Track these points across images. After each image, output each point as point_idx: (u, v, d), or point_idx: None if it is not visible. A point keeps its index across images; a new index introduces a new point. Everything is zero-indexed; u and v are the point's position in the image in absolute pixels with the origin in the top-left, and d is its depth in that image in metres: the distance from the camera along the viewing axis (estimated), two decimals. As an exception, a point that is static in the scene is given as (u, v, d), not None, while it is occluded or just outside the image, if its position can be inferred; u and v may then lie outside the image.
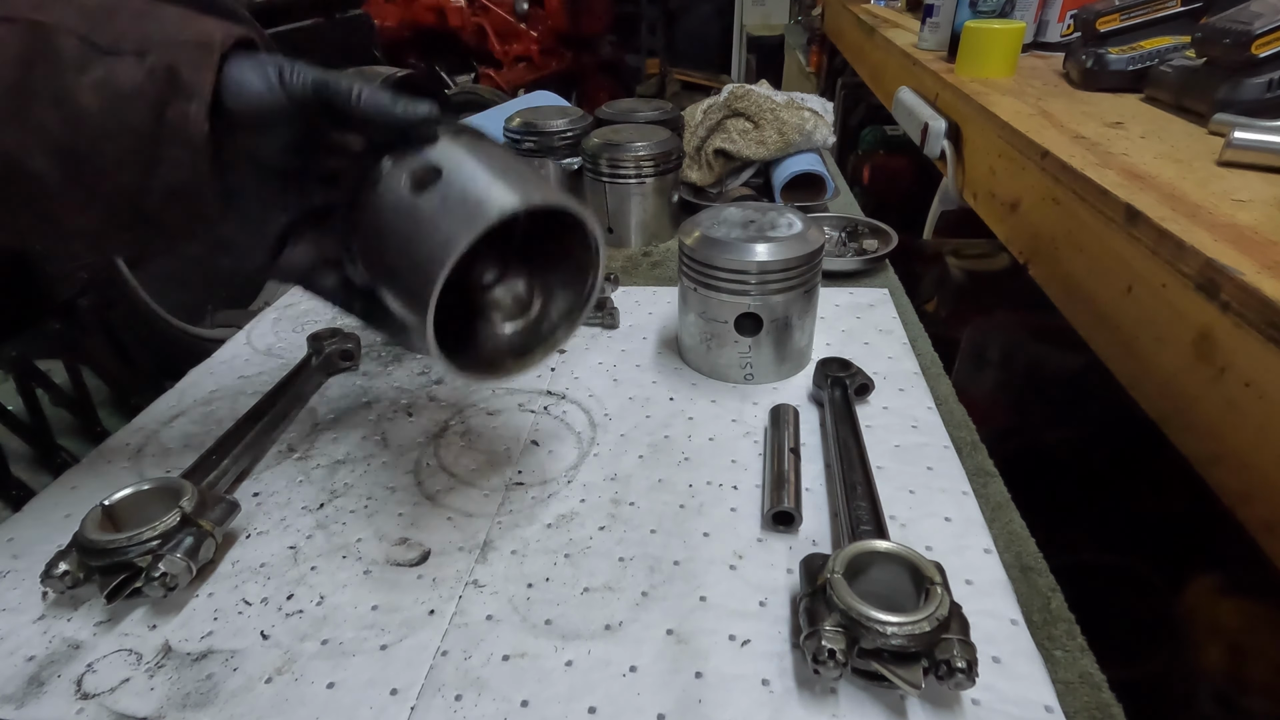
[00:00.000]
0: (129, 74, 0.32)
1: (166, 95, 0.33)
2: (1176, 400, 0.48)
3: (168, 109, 0.33)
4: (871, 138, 1.79)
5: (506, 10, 3.58)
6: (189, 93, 0.33)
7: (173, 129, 0.33)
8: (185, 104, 0.33)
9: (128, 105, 0.32)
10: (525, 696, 0.37)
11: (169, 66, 0.32)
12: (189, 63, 0.33)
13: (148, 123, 0.33)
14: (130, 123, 0.33)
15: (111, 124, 0.32)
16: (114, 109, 0.32)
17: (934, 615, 0.33)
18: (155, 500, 0.43)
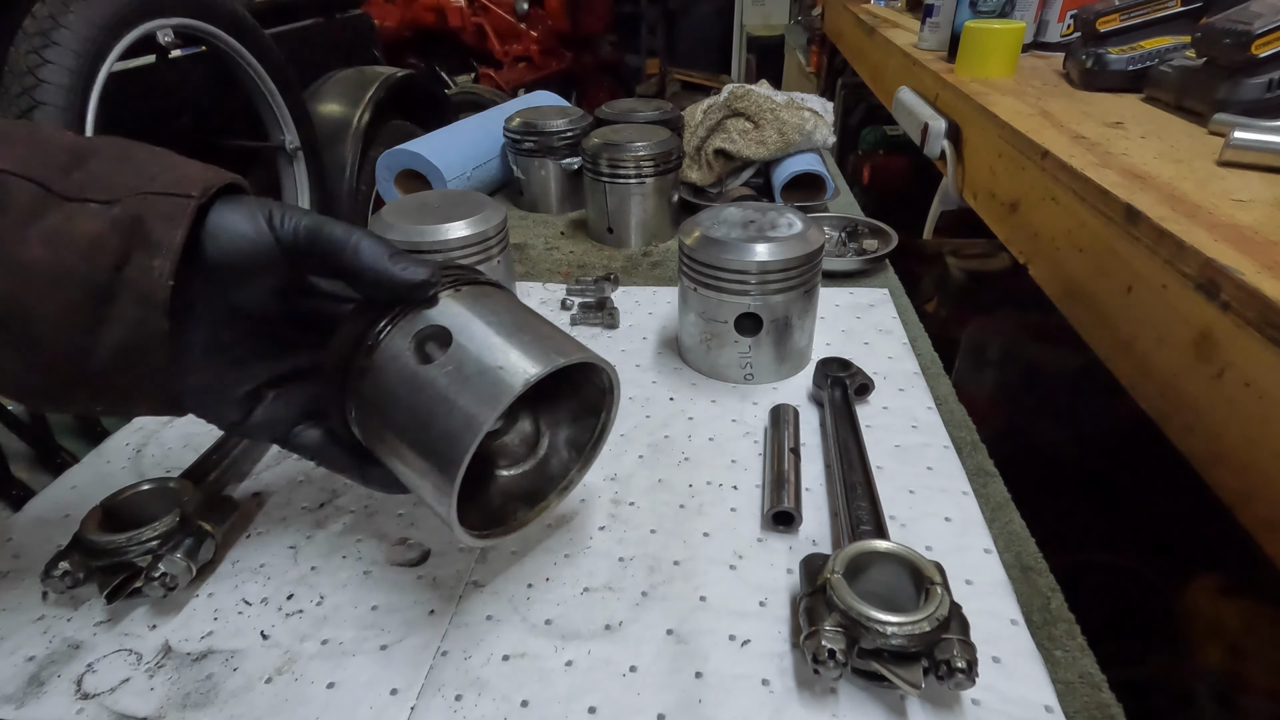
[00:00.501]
0: (89, 224, 0.29)
1: (128, 248, 0.30)
2: (1176, 400, 0.48)
3: (128, 264, 0.30)
4: (871, 138, 1.80)
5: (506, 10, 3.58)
6: (155, 246, 0.30)
7: (130, 285, 0.30)
8: (148, 258, 0.30)
9: (80, 257, 0.29)
10: (525, 696, 0.37)
11: (135, 217, 0.30)
12: (160, 214, 0.31)
13: (101, 277, 0.30)
14: (79, 276, 0.30)
15: (58, 277, 0.29)
16: (61, 261, 0.29)
17: (934, 615, 0.33)
18: (155, 500, 0.43)
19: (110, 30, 1.12)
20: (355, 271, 0.34)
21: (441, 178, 0.93)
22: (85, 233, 0.29)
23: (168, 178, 0.31)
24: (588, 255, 0.88)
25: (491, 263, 0.65)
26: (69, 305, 0.30)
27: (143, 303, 0.31)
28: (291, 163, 1.57)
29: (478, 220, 0.63)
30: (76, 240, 0.29)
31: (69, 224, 0.29)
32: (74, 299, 0.30)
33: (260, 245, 0.33)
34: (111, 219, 0.30)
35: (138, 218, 0.30)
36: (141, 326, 0.31)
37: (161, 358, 0.32)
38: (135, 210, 0.30)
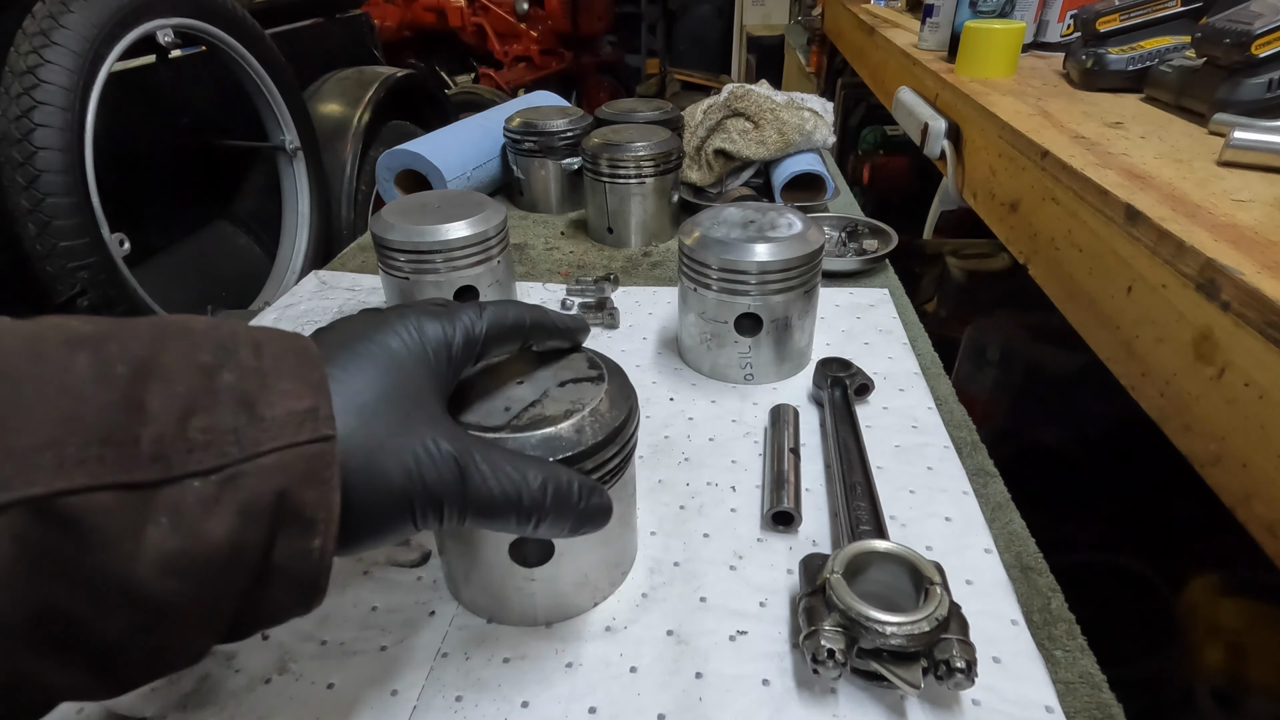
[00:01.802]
0: (215, 526, 0.21)
1: (274, 533, 0.22)
2: (1176, 400, 0.48)
3: (274, 548, 0.23)
4: (871, 138, 1.80)
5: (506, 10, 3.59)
6: (308, 524, 0.23)
7: (282, 571, 0.23)
8: (302, 539, 0.23)
9: (217, 574, 0.21)
10: (526, 697, 0.37)
11: (278, 494, 0.22)
12: (298, 476, 0.22)
13: (245, 584, 0.22)
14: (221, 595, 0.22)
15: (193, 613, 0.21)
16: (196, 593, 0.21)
17: (933, 615, 0.33)
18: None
19: (110, 30, 1.12)
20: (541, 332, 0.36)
21: (441, 178, 0.93)
22: (215, 542, 0.21)
23: (280, 407, 0.22)
24: (588, 255, 0.88)
25: (491, 263, 0.65)
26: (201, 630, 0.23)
27: (299, 586, 0.25)
28: (291, 163, 1.58)
29: (478, 220, 0.63)
30: (209, 558, 0.21)
31: (189, 537, 0.20)
32: (209, 620, 0.22)
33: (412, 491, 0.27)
34: (239, 509, 0.21)
35: (282, 494, 0.22)
36: (298, 603, 0.25)
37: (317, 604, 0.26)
38: (271, 485, 0.22)
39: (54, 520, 0.18)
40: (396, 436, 0.26)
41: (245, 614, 0.24)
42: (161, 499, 0.20)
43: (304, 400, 0.23)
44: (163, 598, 0.20)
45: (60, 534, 0.18)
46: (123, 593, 0.19)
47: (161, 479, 0.20)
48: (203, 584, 0.21)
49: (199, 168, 1.57)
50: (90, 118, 1.10)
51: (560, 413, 0.36)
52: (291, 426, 0.22)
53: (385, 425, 0.26)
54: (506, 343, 0.34)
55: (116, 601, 0.19)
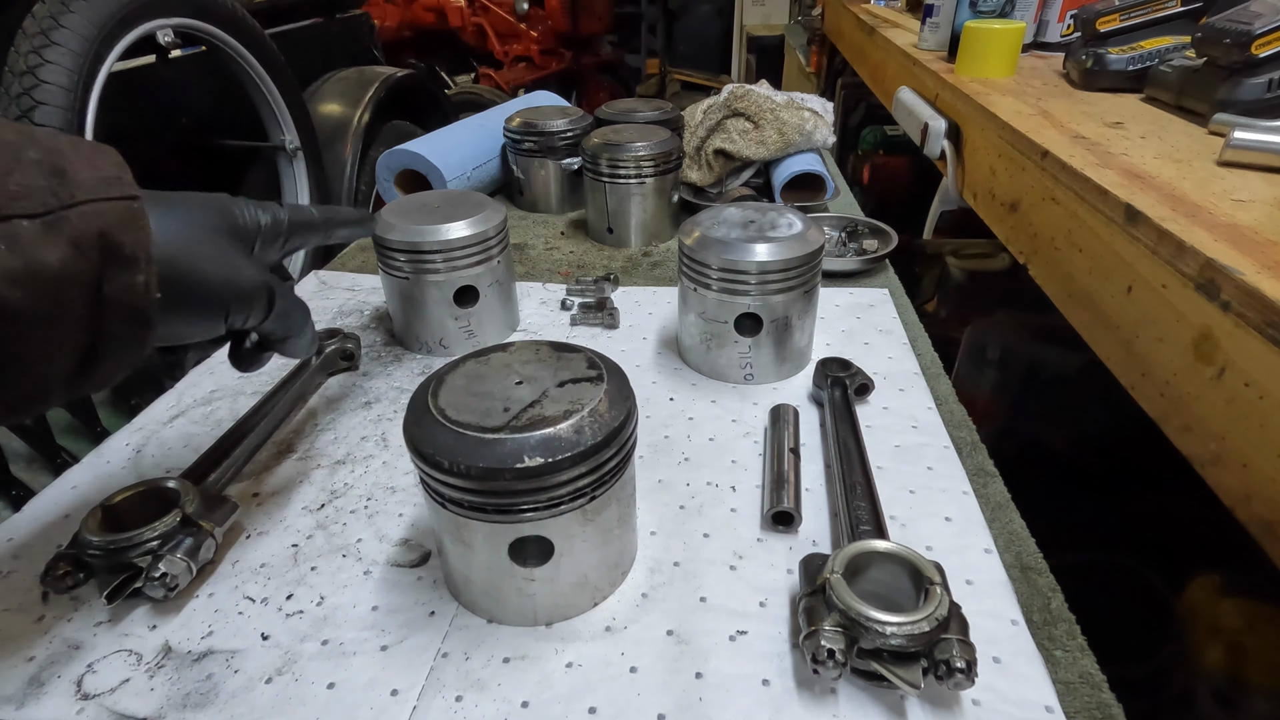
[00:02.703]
0: (48, 252, 0.26)
1: (101, 268, 0.27)
2: (1176, 400, 0.48)
3: (104, 283, 0.28)
4: (871, 138, 1.79)
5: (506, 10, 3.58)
6: (130, 261, 0.28)
7: (114, 304, 0.28)
8: (127, 274, 0.28)
9: (55, 291, 0.26)
10: (526, 697, 0.37)
11: (100, 232, 0.27)
12: (118, 223, 0.28)
13: (81, 309, 0.27)
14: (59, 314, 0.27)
15: (34, 321, 0.26)
16: (35, 304, 0.26)
17: (933, 615, 0.33)
18: (155, 500, 0.43)
19: (110, 30, 1.12)
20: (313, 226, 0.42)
21: (441, 178, 0.93)
22: (51, 265, 0.26)
23: (88, 174, 0.28)
24: (588, 255, 0.88)
25: (491, 263, 0.65)
26: (52, 345, 0.27)
27: (132, 320, 0.29)
28: (291, 163, 1.57)
29: (478, 220, 0.63)
30: (45, 274, 0.26)
31: (26, 259, 0.25)
32: (58, 337, 0.27)
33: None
34: (70, 240, 0.26)
35: (102, 233, 0.27)
36: (133, 340, 0.30)
37: (146, 354, 0.32)
38: (92, 225, 0.27)
39: None
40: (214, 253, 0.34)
41: (91, 347, 0.28)
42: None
43: (108, 170, 0.29)
44: (11, 305, 0.25)
45: None
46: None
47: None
48: (45, 298, 0.26)
49: (199, 168, 1.57)
50: (90, 118, 1.09)
51: (559, 413, 0.36)
52: (101, 186, 0.28)
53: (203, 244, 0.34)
54: (306, 232, 0.41)
55: None
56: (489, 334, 0.69)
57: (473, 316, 0.66)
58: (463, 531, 0.38)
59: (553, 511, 0.37)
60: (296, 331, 0.42)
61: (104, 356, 0.29)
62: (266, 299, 0.37)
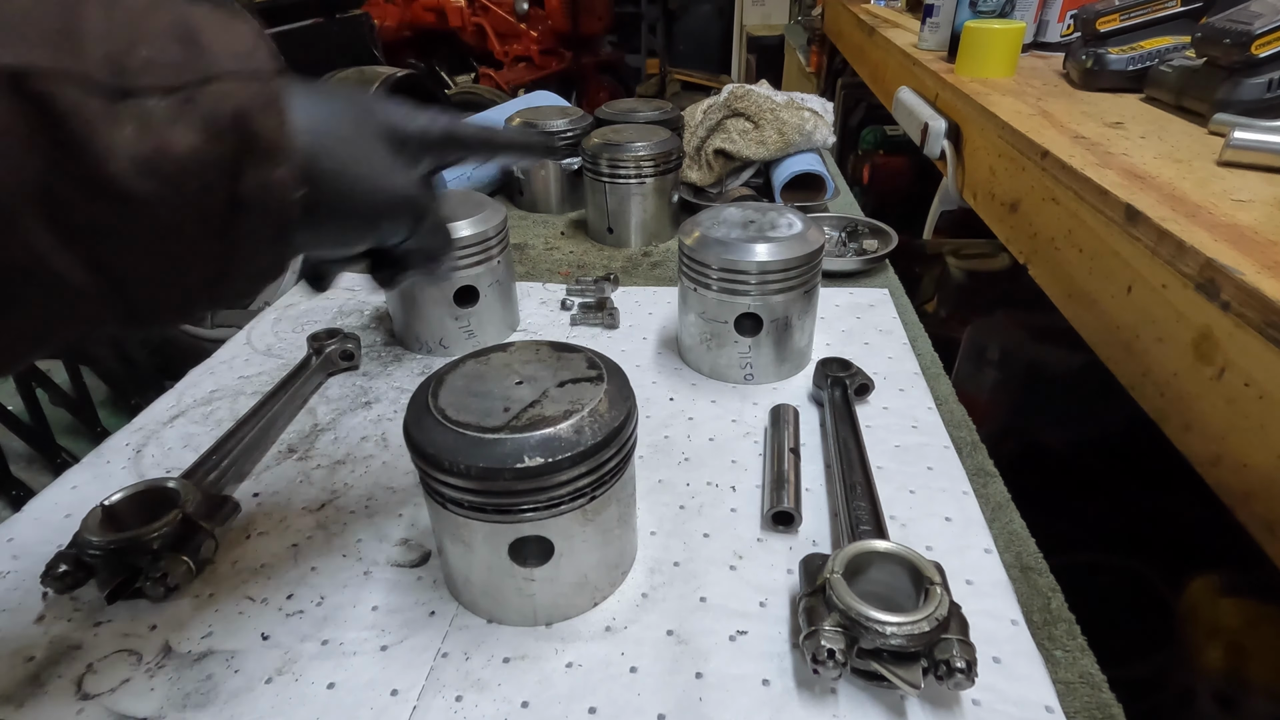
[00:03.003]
0: (180, 137, 0.22)
1: (238, 159, 0.23)
2: (1176, 400, 0.48)
3: (241, 178, 0.24)
4: (871, 138, 1.79)
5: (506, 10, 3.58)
6: (267, 154, 0.24)
7: (251, 204, 0.24)
8: (266, 169, 0.24)
9: (186, 185, 0.22)
10: (526, 698, 0.37)
11: (236, 114, 0.23)
12: (256, 107, 0.24)
13: (218, 206, 0.24)
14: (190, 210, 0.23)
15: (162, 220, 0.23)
16: (165, 197, 0.22)
17: (933, 615, 0.33)
18: (155, 500, 0.43)
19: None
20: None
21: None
22: (181, 151, 0.22)
23: (222, 46, 0.24)
24: (588, 255, 0.88)
25: (491, 263, 0.65)
26: (186, 249, 0.24)
27: (270, 222, 0.25)
28: (291, 163, 1.57)
29: (478, 220, 0.63)
30: (179, 163, 0.22)
31: (157, 142, 0.21)
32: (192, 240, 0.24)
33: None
34: (201, 124, 0.22)
35: (239, 115, 0.23)
36: (271, 247, 0.26)
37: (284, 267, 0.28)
38: (226, 105, 0.23)
39: (29, 97, 0.19)
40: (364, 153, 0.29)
41: (225, 252, 0.25)
42: (125, 110, 0.21)
43: (245, 41, 0.25)
44: (141, 195, 0.22)
45: (38, 114, 0.20)
46: (104, 184, 0.21)
47: (120, 89, 0.21)
48: (179, 191, 0.22)
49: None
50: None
51: (559, 413, 0.36)
52: (237, 59, 0.24)
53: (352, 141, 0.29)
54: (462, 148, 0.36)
55: (100, 192, 0.21)
56: (489, 334, 0.69)
57: (473, 316, 0.66)
58: (463, 531, 0.38)
59: (553, 511, 0.37)
60: (442, 252, 0.37)
61: (241, 263, 0.26)
62: (419, 211, 0.33)
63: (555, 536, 0.38)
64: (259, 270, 0.27)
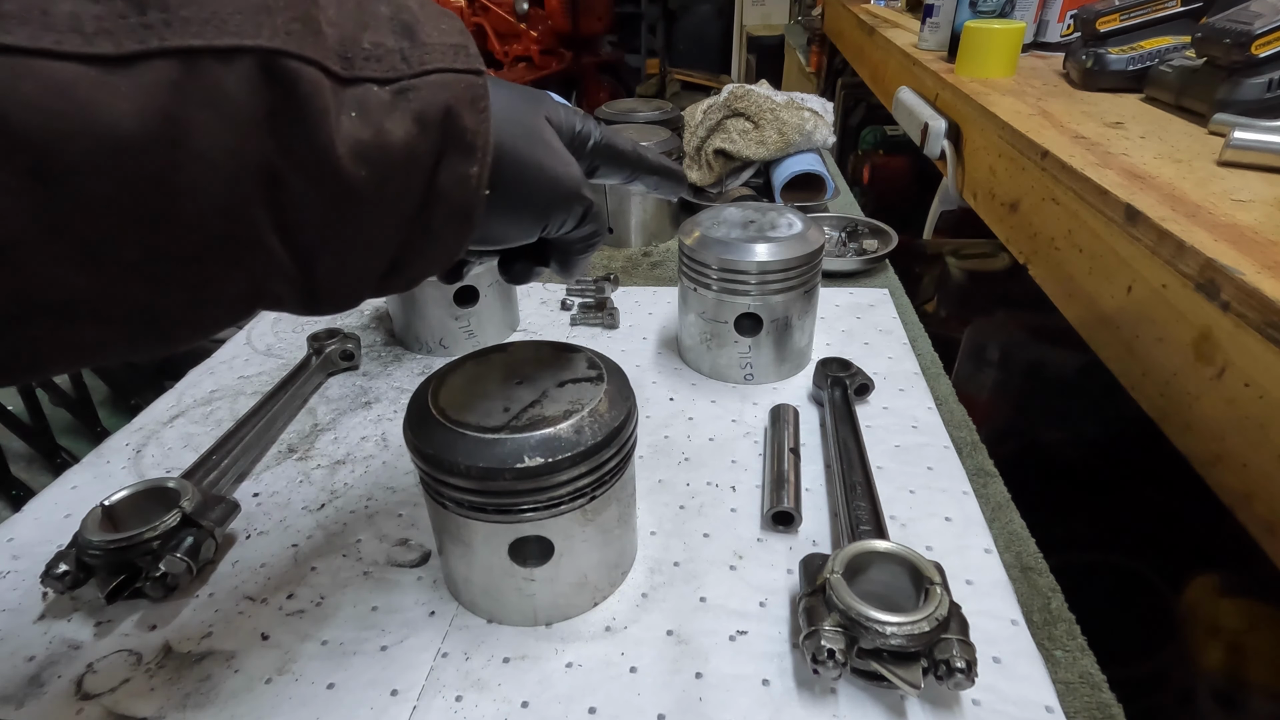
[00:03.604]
0: (398, 127, 0.23)
1: (441, 151, 0.24)
2: (1176, 400, 0.48)
3: (440, 170, 0.25)
4: (871, 138, 1.79)
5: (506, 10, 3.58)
6: (469, 149, 0.25)
7: (444, 196, 0.25)
8: (463, 164, 0.25)
9: (400, 175, 0.24)
10: (526, 697, 0.37)
11: (445, 110, 0.24)
12: (463, 102, 0.24)
13: (418, 196, 0.25)
14: (400, 198, 0.24)
15: (380, 203, 0.24)
16: (383, 185, 0.23)
17: (933, 615, 0.33)
18: (155, 500, 0.43)
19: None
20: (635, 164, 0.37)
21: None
22: (398, 141, 0.23)
23: (437, 39, 0.24)
24: (588, 255, 0.88)
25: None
26: (380, 233, 0.24)
27: (456, 215, 0.26)
28: (291, 163, 1.57)
29: (478, 220, 0.63)
30: (391, 153, 0.23)
31: (375, 130, 0.22)
32: (388, 225, 0.24)
33: None
34: (415, 115, 0.23)
35: (448, 111, 0.24)
36: (452, 237, 0.27)
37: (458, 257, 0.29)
38: (439, 100, 0.24)
39: (277, 78, 0.20)
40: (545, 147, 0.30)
41: (409, 242, 0.26)
42: (350, 94, 0.22)
43: (455, 37, 0.25)
44: (354, 182, 0.22)
45: (282, 96, 0.20)
46: (325, 167, 0.22)
47: (348, 76, 0.22)
48: (386, 179, 0.23)
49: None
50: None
51: (559, 413, 0.36)
52: (449, 54, 0.25)
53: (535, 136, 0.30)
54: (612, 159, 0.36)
55: (320, 176, 0.22)
56: (489, 334, 0.69)
57: (473, 316, 0.66)
58: (463, 531, 0.38)
59: (553, 511, 0.37)
60: (589, 250, 0.37)
61: (419, 253, 0.26)
62: (584, 208, 0.33)
63: (555, 536, 0.38)
64: (434, 259, 0.27)
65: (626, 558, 0.44)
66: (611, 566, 0.42)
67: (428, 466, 0.36)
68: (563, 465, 0.35)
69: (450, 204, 0.25)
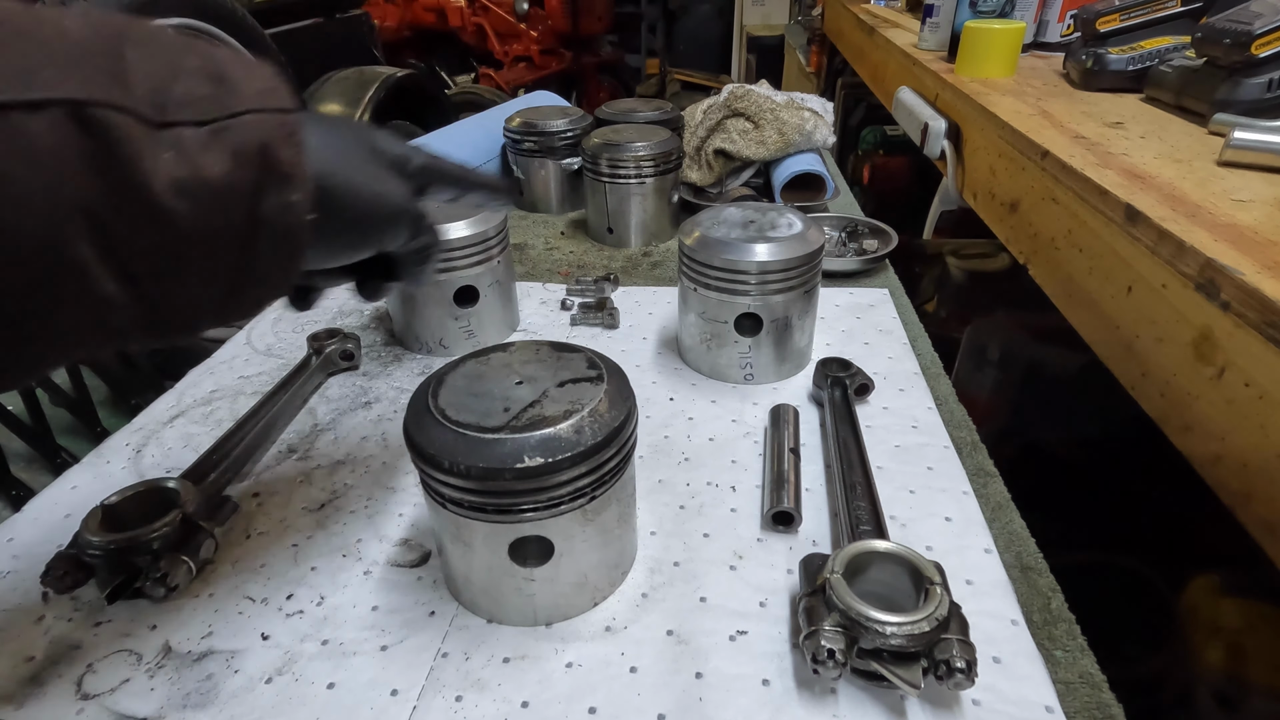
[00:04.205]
0: (214, 163, 0.25)
1: (260, 183, 0.26)
2: (1176, 400, 0.48)
3: (262, 202, 0.27)
4: (871, 138, 1.79)
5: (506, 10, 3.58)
6: (286, 179, 0.27)
7: (268, 224, 0.27)
8: (285, 193, 0.27)
9: (219, 206, 0.25)
10: (526, 697, 0.37)
11: (261, 145, 0.26)
12: (278, 138, 0.27)
13: (241, 226, 0.26)
14: (220, 229, 0.26)
15: (200, 236, 0.25)
16: (202, 218, 0.25)
17: (933, 615, 0.33)
18: (155, 500, 0.43)
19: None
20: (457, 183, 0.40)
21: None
22: (216, 176, 0.25)
23: (247, 85, 0.27)
24: (588, 255, 0.88)
25: (491, 263, 0.65)
26: (210, 263, 0.26)
27: (285, 240, 0.28)
28: (291, 163, 1.57)
29: (478, 220, 0.63)
30: (211, 185, 0.25)
31: (193, 168, 0.24)
32: (216, 255, 0.26)
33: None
34: (233, 151, 0.25)
35: (264, 146, 0.26)
36: (284, 262, 0.29)
37: (293, 280, 0.30)
38: (253, 136, 0.26)
39: (88, 125, 0.22)
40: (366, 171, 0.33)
41: (243, 268, 0.28)
42: (166, 135, 0.24)
43: (267, 80, 0.28)
44: (177, 215, 0.24)
45: (94, 141, 0.22)
46: (146, 204, 0.24)
47: (160, 120, 0.24)
48: (209, 212, 0.25)
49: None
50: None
51: (559, 413, 0.36)
52: (261, 96, 0.27)
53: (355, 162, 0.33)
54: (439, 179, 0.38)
55: (142, 212, 0.24)
56: (489, 334, 0.69)
57: (473, 316, 0.66)
58: (463, 531, 0.38)
59: (553, 511, 0.37)
60: (428, 260, 0.39)
61: (254, 279, 0.28)
62: (414, 223, 0.36)
63: (555, 536, 0.38)
64: (272, 283, 0.29)
65: (626, 558, 0.44)
66: (611, 566, 0.42)
67: (428, 466, 0.36)
68: (563, 465, 0.35)
69: (276, 230, 0.27)
